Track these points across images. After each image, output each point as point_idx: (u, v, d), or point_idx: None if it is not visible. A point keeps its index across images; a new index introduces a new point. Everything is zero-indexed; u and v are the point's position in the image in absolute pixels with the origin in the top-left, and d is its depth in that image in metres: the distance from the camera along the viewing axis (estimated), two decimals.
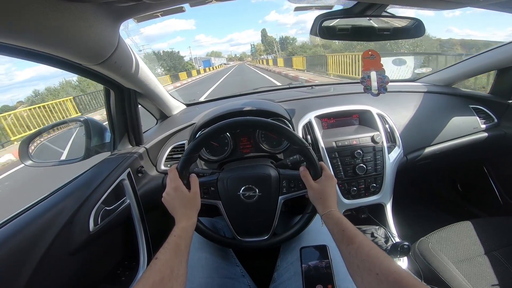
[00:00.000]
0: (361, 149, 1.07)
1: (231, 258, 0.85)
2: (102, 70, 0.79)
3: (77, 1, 0.50)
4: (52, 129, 1.13)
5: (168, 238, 0.58)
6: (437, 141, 1.24)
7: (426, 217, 1.60)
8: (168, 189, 0.67)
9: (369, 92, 0.94)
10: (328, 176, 0.69)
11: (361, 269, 0.49)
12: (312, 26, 0.86)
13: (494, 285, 0.87)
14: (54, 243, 0.69)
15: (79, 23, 0.56)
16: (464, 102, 1.34)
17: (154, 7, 0.64)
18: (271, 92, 1.60)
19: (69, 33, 0.56)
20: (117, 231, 1.00)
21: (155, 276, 0.49)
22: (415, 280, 0.42)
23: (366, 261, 0.48)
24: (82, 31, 0.58)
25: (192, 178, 0.70)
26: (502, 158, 1.45)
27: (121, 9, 0.62)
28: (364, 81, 0.94)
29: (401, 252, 0.93)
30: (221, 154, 1.10)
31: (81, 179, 0.88)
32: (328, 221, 0.62)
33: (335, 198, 0.67)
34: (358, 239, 0.53)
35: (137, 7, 0.62)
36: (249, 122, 0.72)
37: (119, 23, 0.68)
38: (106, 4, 0.57)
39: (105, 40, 0.67)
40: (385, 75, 0.92)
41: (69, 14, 0.52)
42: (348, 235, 0.55)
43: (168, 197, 0.67)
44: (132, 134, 1.07)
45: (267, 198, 0.75)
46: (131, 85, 0.97)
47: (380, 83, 0.92)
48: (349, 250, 0.53)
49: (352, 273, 0.51)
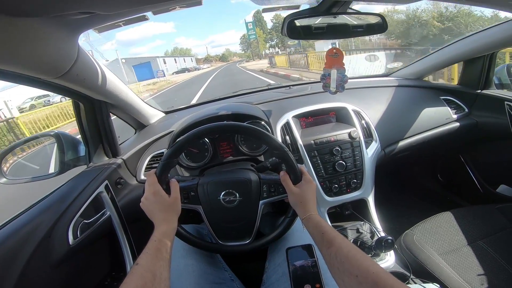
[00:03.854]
0: (339, 146, 1.08)
1: (218, 263, 0.84)
2: (65, 83, 0.77)
3: (25, 16, 0.49)
4: (25, 145, 1.11)
5: (148, 243, 0.57)
6: (412, 133, 1.27)
7: (411, 209, 1.63)
8: (146, 194, 0.66)
9: (327, 90, 0.96)
10: (308, 181, 0.69)
11: (341, 272, 0.49)
12: (282, 27, 0.88)
13: (482, 274, 0.89)
14: (33, 257, 0.70)
15: (30, 37, 0.54)
16: (434, 94, 1.39)
17: (112, 18, 0.63)
18: (250, 94, 1.60)
19: (20, 47, 0.55)
20: (101, 243, 1.01)
21: (137, 281, 0.48)
22: (394, 281, 0.43)
23: (346, 263, 0.49)
24: (35, 45, 0.57)
25: (172, 183, 0.69)
26: (476, 147, 1.50)
27: (77, 22, 0.61)
28: (324, 78, 0.95)
29: (386, 246, 0.94)
30: (201, 160, 1.09)
31: (57, 193, 0.88)
32: (308, 225, 0.63)
33: (314, 202, 0.68)
34: (337, 241, 0.54)
35: (94, 18, 0.60)
36: (228, 127, 0.72)
37: (77, 35, 0.67)
38: (59, 17, 0.56)
39: (62, 52, 0.66)
40: (345, 74, 0.94)
41: (17, 29, 0.50)
42: (327, 237, 0.56)
43: (147, 202, 0.65)
44: (108, 146, 1.05)
45: (248, 203, 0.74)
46: (100, 97, 0.95)
47: (339, 81, 0.93)
48: (329, 253, 0.53)
49: (334, 275, 0.52)
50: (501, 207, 1.10)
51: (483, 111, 1.35)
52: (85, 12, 0.53)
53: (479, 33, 1.22)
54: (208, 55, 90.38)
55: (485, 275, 0.89)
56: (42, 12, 0.51)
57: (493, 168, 1.46)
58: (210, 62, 76.88)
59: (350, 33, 0.82)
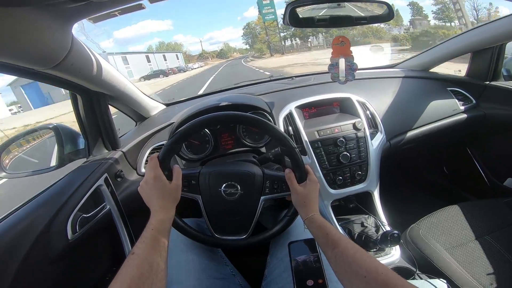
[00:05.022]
0: (344, 137, 1.06)
1: (219, 258, 0.83)
2: (60, 74, 0.75)
3: (16, 5, 0.47)
4: (25, 139, 1.09)
5: (144, 232, 0.55)
6: (418, 125, 1.25)
7: (416, 203, 1.60)
8: (146, 177, 0.63)
9: (336, 80, 0.93)
10: (313, 181, 0.68)
11: (348, 273, 0.49)
12: (284, 15, 0.85)
13: (489, 270, 0.87)
14: (31, 252, 0.68)
15: (21, 27, 0.52)
16: (442, 85, 1.37)
17: (107, 6, 0.61)
18: (252, 86, 1.58)
19: (11, 38, 0.53)
20: (101, 238, 0.99)
21: (133, 272, 0.46)
22: (403, 281, 0.43)
23: (353, 264, 0.49)
24: (27, 35, 0.55)
25: (176, 169, 0.67)
26: (484, 139, 1.48)
27: (70, 10, 0.58)
28: (332, 68, 0.92)
29: (391, 241, 0.91)
30: (202, 152, 1.07)
31: (55, 187, 0.86)
32: (311, 225, 0.62)
33: (317, 203, 0.67)
34: (343, 243, 0.53)
35: (88, 7, 0.58)
36: (239, 117, 0.70)
37: (70, 25, 0.65)
38: (51, 7, 0.54)
39: (55, 42, 0.63)
40: (354, 62, 0.91)
41: (8, 19, 0.49)
42: (332, 239, 0.55)
43: (146, 186, 0.63)
44: (107, 138, 1.03)
45: (249, 197, 0.72)
46: (98, 88, 0.93)
47: (348, 70, 0.90)
48: (335, 254, 0.52)
49: (339, 276, 0.51)
50: (508, 201, 1.08)
51: (491, 103, 1.33)
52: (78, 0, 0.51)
53: (487, 24, 1.20)
54: (204, 51, 72.93)
55: (492, 270, 0.87)
56: (34, 0, 0.49)
57: (501, 161, 1.43)
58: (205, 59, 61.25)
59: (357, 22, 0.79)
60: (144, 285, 0.46)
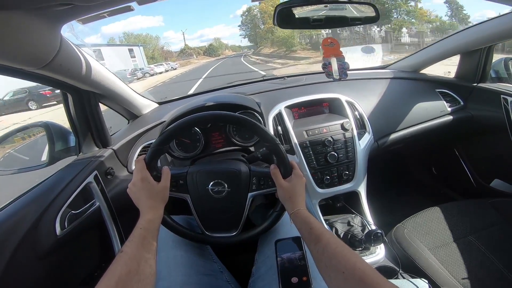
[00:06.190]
0: (332, 137, 1.07)
1: (208, 255, 0.84)
2: (49, 73, 0.76)
3: (5, 9, 0.48)
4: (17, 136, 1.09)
5: (133, 231, 0.56)
6: (406, 125, 1.26)
7: (404, 202, 1.62)
8: (134, 179, 0.65)
9: (331, 77, 0.95)
10: (298, 175, 0.69)
11: (329, 268, 0.49)
12: (273, 16, 0.86)
13: (470, 270, 0.88)
14: (18, 249, 0.69)
15: (10, 29, 0.53)
16: (430, 87, 1.38)
17: (95, 9, 0.61)
18: (244, 85, 1.59)
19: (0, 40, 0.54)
20: (91, 234, 0.99)
21: (121, 269, 0.47)
22: (380, 278, 0.43)
23: (333, 259, 0.49)
24: (15, 37, 0.56)
25: (164, 171, 0.68)
26: (471, 140, 1.50)
27: (58, 13, 0.59)
28: (326, 67, 0.94)
29: (375, 240, 0.93)
30: (193, 151, 1.08)
31: (45, 184, 0.87)
32: (296, 220, 0.62)
33: (303, 197, 0.67)
34: (325, 237, 0.53)
35: (76, 9, 0.59)
36: (221, 116, 0.71)
37: (59, 27, 0.66)
38: (40, 10, 0.55)
39: (44, 44, 0.64)
40: (345, 62, 0.93)
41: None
42: (315, 233, 0.55)
43: (134, 188, 0.65)
44: (97, 136, 1.04)
45: (236, 194, 0.73)
46: (88, 87, 0.94)
47: (341, 69, 0.93)
48: (317, 249, 0.53)
49: (321, 271, 0.51)
50: (494, 201, 1.10)
51: (479, 104, 1.34)
52: (65, 3, 0.52)
53: (477, 26, 1.21)
54: (187, 46, 56.65)
55: (473, 270, 0.88)
56: (22, 4, 0.50)
57: (488, 162, 1.46)
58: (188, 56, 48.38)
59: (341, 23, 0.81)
60: (132, 281, 0.47)
